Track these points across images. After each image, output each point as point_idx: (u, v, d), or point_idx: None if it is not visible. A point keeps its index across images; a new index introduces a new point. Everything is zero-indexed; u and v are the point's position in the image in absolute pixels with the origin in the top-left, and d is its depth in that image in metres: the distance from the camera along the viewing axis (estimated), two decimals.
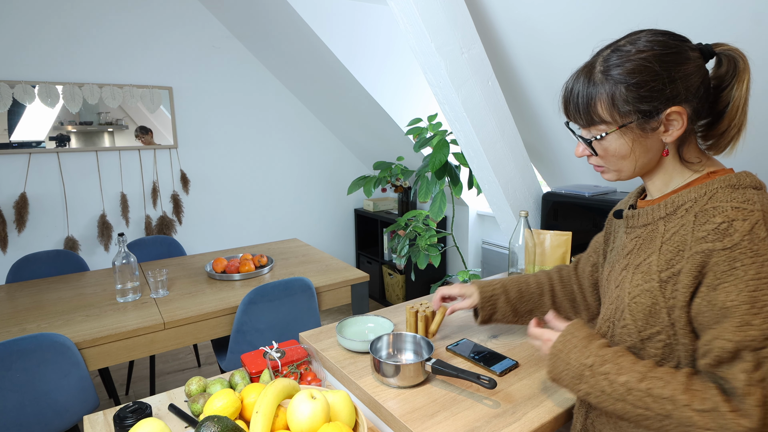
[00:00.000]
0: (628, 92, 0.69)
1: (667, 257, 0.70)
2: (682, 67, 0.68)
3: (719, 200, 0.67)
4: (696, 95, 0.69)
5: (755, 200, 0.65)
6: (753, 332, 0.60)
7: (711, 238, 0.64)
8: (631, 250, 0.80)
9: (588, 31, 1.47)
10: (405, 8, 1.53)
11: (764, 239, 0.62)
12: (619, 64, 0.70)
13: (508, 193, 1.87)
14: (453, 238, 2.87)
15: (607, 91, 0.70)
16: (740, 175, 0.70)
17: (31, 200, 2.70)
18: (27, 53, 2.57)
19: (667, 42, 0.69)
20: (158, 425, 0.87)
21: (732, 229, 0.63)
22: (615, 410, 0.71)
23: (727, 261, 0.63)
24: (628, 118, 0.71)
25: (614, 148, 0.74)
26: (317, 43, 2.53)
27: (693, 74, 0.68)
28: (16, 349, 1.39)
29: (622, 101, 0.70)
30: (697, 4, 1.19)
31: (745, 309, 0.61)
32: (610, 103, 0.71)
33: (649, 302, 0.71)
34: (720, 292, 0.63)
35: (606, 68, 0.71)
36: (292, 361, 1.16)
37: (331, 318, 3.42)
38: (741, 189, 0.68)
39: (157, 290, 1.87)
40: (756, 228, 0.62)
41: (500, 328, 1.32)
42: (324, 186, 3.80)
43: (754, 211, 0.64)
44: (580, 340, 0.78)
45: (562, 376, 0.78)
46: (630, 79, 0.69)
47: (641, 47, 0.69)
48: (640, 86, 0.68)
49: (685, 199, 0.72)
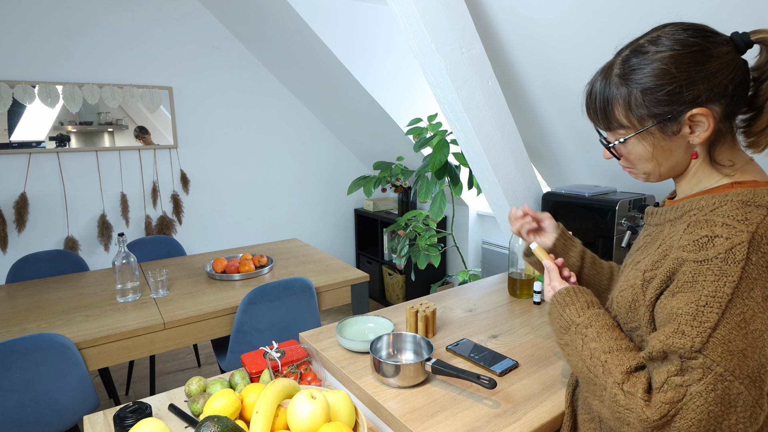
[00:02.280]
0: (644, 97, 0.67)
1: (654, 259, 0.71)
2: (705, 66, 0.64)
3: (718, 214, 0.64)
4: (724, 94, 0.65)
5: (754, 221, 0.62)
6: (683, 341, 0.61)
7: (689, 248, 0.64)
8: (640, 246, 0.81)
9: (588, 32, 1.47)
10: (405, 8, 1.53)
11: (739, 261, 0.60)
12: (635, 67, 0.68)
13: (508, 193, 1.87)
14: (453, 238, 2.87)
15: (623, 95, 0.69)
16: (761, 191, 0.65)
17: (31, 200, 2.70)
18: (27, 53, 2.57)
19: (688, 40, 0.65)
20: (158, 425, 0.87)
21: (710, 244, 0.62)
22: (577, 369, 0.76)
23: (692, 273, 0.63)
24: (646, 122, 0.69)
25: (636, 152, 0.73)
26: (317, 43, 2.53)
27: (719, 72, 0.64)
28: (16, 349, 1.39)
29: (638, 106, 0.68)
30: (697, 4, 1.19)
31: (685, 319, 0.61)
32: (627, 108, 0.69)
33: (630, 298, 0.73)
34: (675, 299, 0.64)
35: (623, 71, 0.69)
36: (292, 361, 1.16)
37: (331, 318, 3.42)
38: (751, 206, 0.64)
39: (157, 290, 1.87)
40: (736, 249, 0.60)
41: (500, 328, 1.32)
42: (324, 186, 3.80)
43: (743, 231, 0.61)
44: (582, 303, 0.81)
45: (554, 321, 0.84)
46: (646, 84, 0.66)
47: (660, 47, 0.66)
48: (656, 90, 0.66)
49: (694, 206, 0.70)
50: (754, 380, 0.59)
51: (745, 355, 0.58)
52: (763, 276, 0.59)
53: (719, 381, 0.58)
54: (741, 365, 0.58)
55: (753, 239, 0.60)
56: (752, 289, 0.59)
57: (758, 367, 0.59)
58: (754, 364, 0.59)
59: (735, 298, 0.59)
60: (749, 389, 0.58)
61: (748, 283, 0.59)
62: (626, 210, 1.60)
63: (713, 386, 0.58)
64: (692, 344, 0.60)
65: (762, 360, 0.59)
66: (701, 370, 0.59)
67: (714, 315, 0.60)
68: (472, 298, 1.56)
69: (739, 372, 0.58)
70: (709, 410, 0.58)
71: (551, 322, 0.85)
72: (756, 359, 0.59)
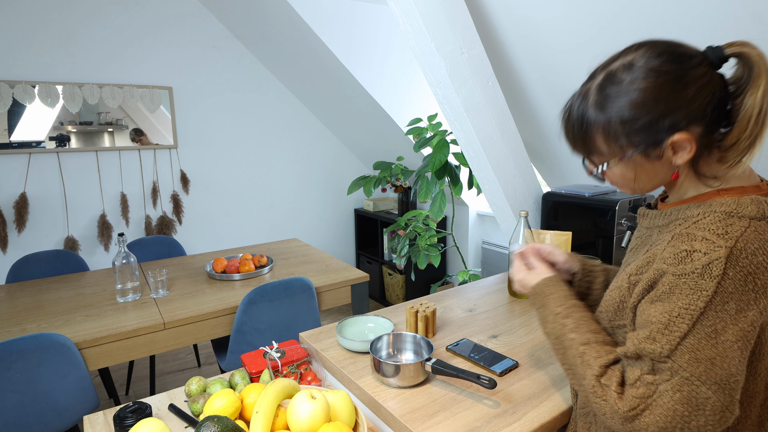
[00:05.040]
0: (623, 127, 0.67)
1: (639, 264, 0.72)
2: (682, 93, 0.64)
3: (699, 227, 0.64)
4: (704, 116, 0.65)
5: (735, 234, 0.62)
6: (653, 347, 0.64)
7: (669, 260, 0.65)
8: (632, 248, 0.82)
9: (588, 32, 1.47)
10: (405, 8, 1.53)
11: (715, 277, 0.60)
12: (612, 96, 0.67)
13: (508, 193, 1.87)
14: (453, 238, 2.87)
15: (602, 123, 0.68)
16: (745, 201, 0.65)
17: (31, 200, 2.70)
18: (27, 53, 2.57)
19: (662, 68, 0.64)
20: (158, 425, 0.87)
21: (689, 259, 0.63)
22: (560, 358, 0.79)
23: (670, 285, 0.64)
24: (627, 150, 0.69)
25: (619, 175, 0.73)
26: (317, 43, 2.53)
27: (696, 97, 0.64)
28: (16, 349, 1.39)
29: (617, 134, 0.68)
30: (697, 5, 1.19)
31: (657, 327, 0.65)
32: (606, 136, 0.69)
33: (618, 299, 0.75)
34: (652, 307, 0.67)
35: (599, 100, 0.68)
36: (292, 361, 1.16)
37: (331, 318, 3.42)
38: (734, 218, 0.64)
39: (157, 290, 1.87)
40: (713, 264, 0.61)
41: (500, 328, 1.32)
42: (324, 186, 3.80)
43: (722, 247, 0.61)
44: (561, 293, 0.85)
45: (538, 311, 0.87)
46: (623, 115, 0.66)
47: (635, 76, 0.65)
48: (634, 121, 0.66)
49: (680, 215, 0.71)
50: (723, 387, 0.61)
51: (713, 363, 0.61)
52: (739, 290, 0.61)
53: (685, 384, 0.62)
54: (708, 372, 0.61)
55: (731, 254, 0.61)
56: (726, 303, 0.61)
57: (728, 375, 0.61)
58: (723, 372, 0.61)
59: (708, 311, 0.61)
60: (717, 395, 0.61)
61: (722, 297, 0.61)
62: (626, 210, 1.60)
63: (679, 387, 0.62)
64: (661, 350, 0.64)
65: (732, 369, 0.61)
66: (669, 373, 0.63)
67: (684, 326, 0.62)
68: (472, 298, 1.56)
69: (705, 378, 0.61)
70: (675, 408, 0.62)
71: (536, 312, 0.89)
72: (725, 368, 0.61)
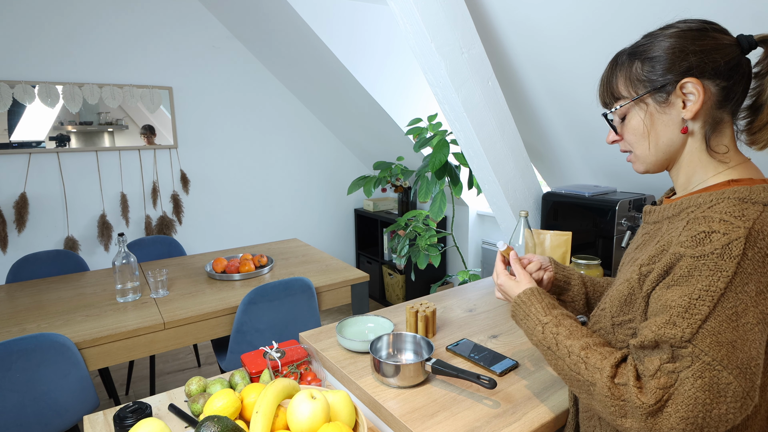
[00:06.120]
0: (643, 66, 0.73)
1: (651, 254, 0.71)
2: (700, 41, 0.69)
3: (715, 211, 0.65)
4: (719, 74, 0.68)
5: (751, 217, 0.62)
6: (673, 331, 0.63)
7: (687, 243, 0.65)
8: (639, 244, 0.81)
9: (589, 32, 1.47)
10: (405, 8, 1.53)
11: (735, 257, 0.60)
12: (642, 45, 0.74)
13: (508, 193, 1.87)
14: (453, 238, 2.87)
15: (626, 67, 0.75)
16: (757, 189, 0.66)
17: (31, 200, 2.70)
18: (27, 53, 2.57)
19: (693, 25, 0.71)
20: (158, 425, 0.87)
21: (707, 240, 0.62)
22: (557, 367, 0.78)
23: (688, 267, 0.63)
24: (640, 90, 0.73)
25: (632, 126, 0.76)
26: (317, 43, 2.53)
27: (713, 50, 0.68)
28: (16, 349, 1.39)
29: (636, 76, 0.73)
30: (697, 5, 1.19)
31: (677, 311, 0.63)
32: (627, 79, 0.75)
33: (627, 292, 0.74)
34: (669, 291, 0.65)
35: (632, 50, 0.75)
36: (292, 361, 1.16)
37: (331, 318, 3.42)
38: (747, 203, 0.64)
39: (157, 290, 1.87)
40: (733, 245, 0.61)
41: (500, 328, 1.32)
42: (324, 186, 3.80)
43: (740, 227, 0.61)
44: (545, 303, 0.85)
45: (520, 322, 0.87)
46: (646, 55, 0.72)
47: (668, 32, 0.72)
48: (654, 60, 0.71)
49: (691, 203, 0.71)
50: (744, 371, 0.60)
51: (734, 346, 0.60)
52: (758, 271, 0.60)
53: (707, 369, 0.60)
54: (730, 356, 0.60)
55: (750, 235, 0.61)
56: (747, 284, 0.60)
57: (749, 359, 0.60)
58: (744, 356, 0.60)
59: (728, 292, 0.60)
60: (738, 380, 0.60)
61: (742, 278, 0.60)
62: (626, 210, 1.60)
63: (701, 373, 0.60)
64: (682, 335, 0.62)
65: (753, 352, 0.60)
66: (690, 358, 0.61)
67: (705, 308, 0.61)
68: (472, 298, 1.56)
69: (727, 362, 0.60)
70: (696, 396, 0.60)
71: (517, 322, 0.89)
72: (746, 351, 0.60)
